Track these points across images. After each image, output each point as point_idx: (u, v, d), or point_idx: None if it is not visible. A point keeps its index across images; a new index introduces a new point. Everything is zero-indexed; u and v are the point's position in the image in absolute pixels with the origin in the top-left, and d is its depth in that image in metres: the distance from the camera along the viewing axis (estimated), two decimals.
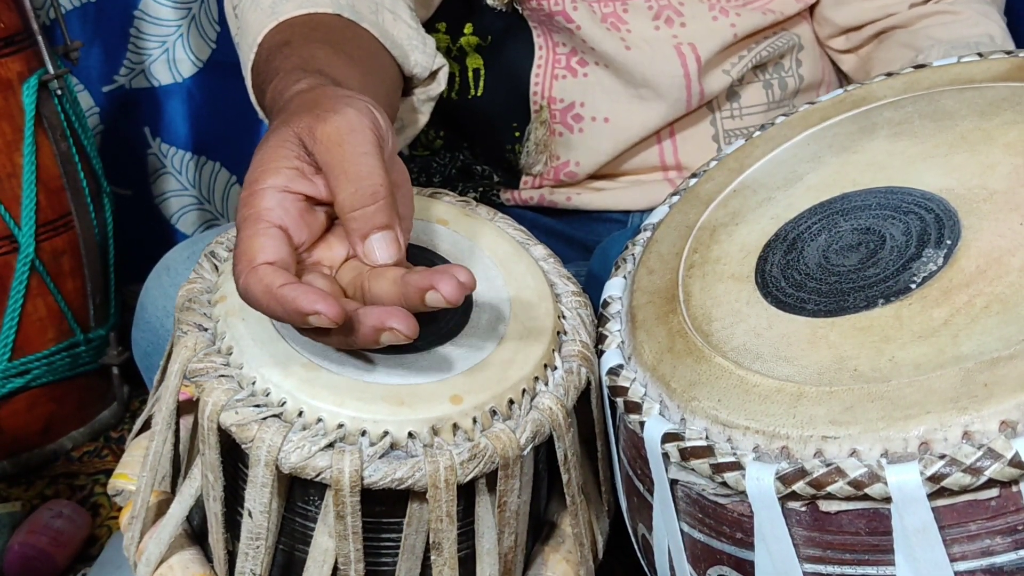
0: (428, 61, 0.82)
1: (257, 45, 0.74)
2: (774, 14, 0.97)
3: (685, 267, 0.66)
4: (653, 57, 0.94)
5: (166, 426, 0.63)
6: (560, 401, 0.61)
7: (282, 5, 0.75)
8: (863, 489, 0.49)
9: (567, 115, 0.97)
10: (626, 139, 0.96)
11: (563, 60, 0.96)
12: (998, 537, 0.49)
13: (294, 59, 0.69)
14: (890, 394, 0.51)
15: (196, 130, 1.72)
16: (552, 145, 0.98)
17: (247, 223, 0.55)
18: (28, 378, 1.47)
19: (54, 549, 1.31)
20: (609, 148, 0.97)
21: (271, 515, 0.58)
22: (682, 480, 0.57)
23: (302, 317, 0.52)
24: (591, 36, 0.93)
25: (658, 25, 0.95)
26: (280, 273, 0.53)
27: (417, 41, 0.81)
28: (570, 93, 0.96)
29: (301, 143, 0.57)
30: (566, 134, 0.98)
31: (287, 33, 0.73)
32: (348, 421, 0.56)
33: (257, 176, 0.57)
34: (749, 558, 0.55)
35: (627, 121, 0.96)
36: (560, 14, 0.93)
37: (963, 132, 0.64)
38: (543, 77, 0.96)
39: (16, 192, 1.43)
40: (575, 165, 0.98)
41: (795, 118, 0.75)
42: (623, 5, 0.95)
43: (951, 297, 0.54)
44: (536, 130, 0.98)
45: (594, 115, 0.96)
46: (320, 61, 0.68)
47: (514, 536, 0.62)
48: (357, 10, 0.77)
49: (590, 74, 0.96)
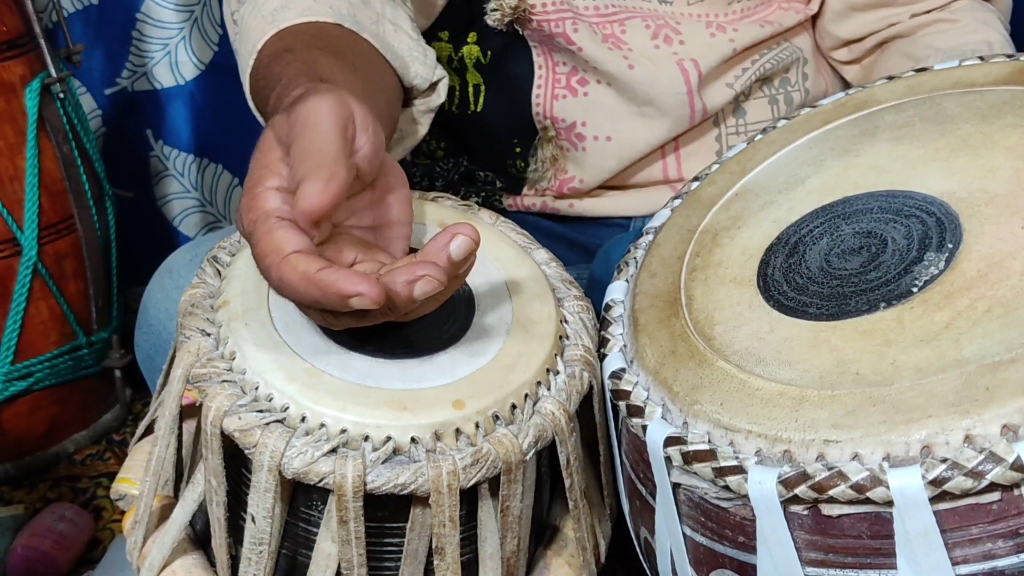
0: (428, 72, 0.82)
1: (257, 52, 0.74)
2: (772, 26, 0.97)
3: (687, 271, 0.66)
4: (657, 74, 0.93)
5: (169, 431, 0.63)
6: (562, 405, 0.61)
7: (283, 13, 0.75)
8: (865, 493, 0.50)
9: (570, 133, 0.96)
10: (630, 156, 0.96)
11: (563, 79, 0.95)
12: (1000, 541, 0.49)
13: (296, 65, 0.69)
14: (892, 398, 0.51)
15: (198, 132, 1.72)
16: (561, 160, 0.98)
17: (258, 224, 0.55)
18: (31, 381, 1.47)
19: (57, 552, 1.31)
20: (613, 165, 0.97)
21: (274, 520, 0.58)
22: (684, 484, 0.57)
23: (343, 300, 0.52)
24: (593, 56, 0.93)
25: (658, 44, 0.94)
26: (314, 259, 0.54)
27: (417, 52, 0.81)
28: (571, 113, 0.96)
29: (280, 143, 0.58)
30: (571, 151, 0.97)
31: (288, 40, 0.73)
32: (351, 426, 0.56)
33: (254, 181, 0.57)
34: (751, 561, 0.55)
35: (630, 139, 0.95)
36: (561, 36, 0.93)
37: (964, 135, 0.64)
38: (544, 96, 0.96)
39: (18, 195, 1.43)
40: (579, 182, 0.98)
41: (796, 122, 0.75)
42: (621, 26, 0.94)
43: (953, 301, 0.55)
44: (543, 148, 0.98)
45: (596, 134, 0.96)
46: (322, 69, 0.68)
47: (517, 540, 0.62)
48: (358, 20, 0.77)
49: (591, 93, 0.95)
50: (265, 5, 0.76)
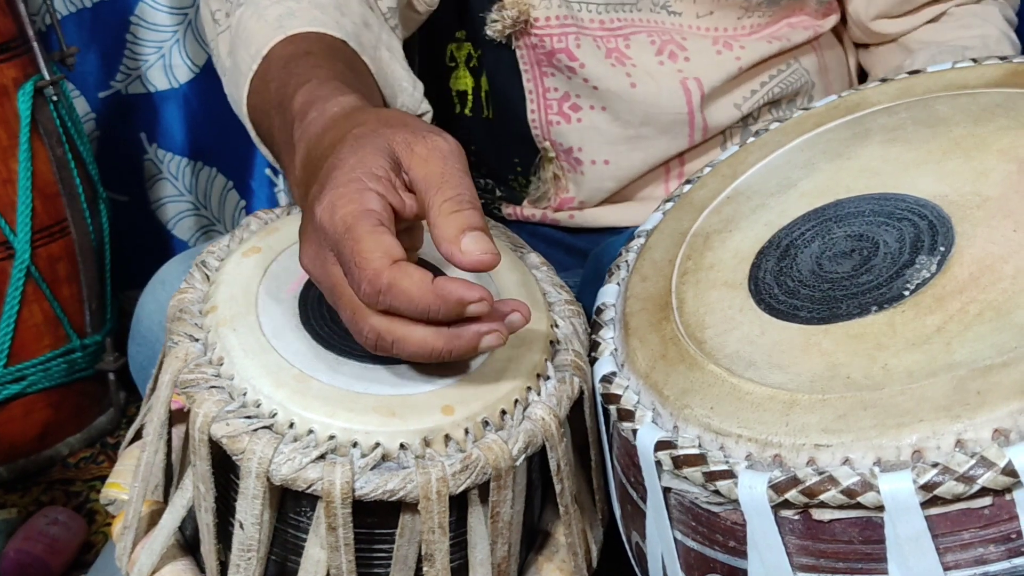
0: (414, 106, 0.81)
1: (262, 57, 0.73)
2: (780, 42, 0.95)
3: (678, 274, 0.66)
4: (659, 92, 0.92)
5: (158, 436, 0.63)
6: (553, 411, 0.61)
7: (290, 20, 0.74)
8: (856, 498, 0.49)
9: (569, 156, 0.95)
10: (628, 177, 0.95)
11: (555, 106, 0.94)
12: (991, 546, 0.49)
13: (326, 70, 0.68)
14: (883, 402, 0.51)
15: (192, 136, 1.72)
16: (562, 178, 0.98)
17: (361, 219, 0.54)
18: (24, 384, 1.47)
19: (49, 556, 1.31)
20: (612, 186, 0.96)
21: (263, 526, 0.58)
22: (675, 488, 0.57)
23: (463, 307, 0.54)
24: (595, 74, 0.91)
25: (662, 60, 0.92)
26: (421, 268, 0.54)
27: (407, 84, 0.81)
28: (566, 138, 0.95)
29: (395, 157, 0.57)
30: (571, 172, 0.97)
31: (303, 45, 0.72)
32: (339, 432, 0.56)
33: (356, 176, 0.56)
34: (742, 566, 0.55)
35: (628, 162, 0.94)
36: (563, 51, 0.91)
37: (957, 138, 0.64)
38: (540, 120, 0.95)
39: (12, 198, 1.43)
40: (578, 204, 0.98)
41: (789, 124, 0.75)
42: (625, 41, 0.92)
43: (944, 304, 0.54)
44: (545, 168, 0.97)
45: (593, 159, 0.95)
46: (351, 83, 0.67)
47: (507, 546, 0.62)
48: (361, 42, 0.76)
49: (584, 119, 0.94)
50: (268, 10, 0.75)
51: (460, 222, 0.55)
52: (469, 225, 0.54)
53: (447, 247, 0.54)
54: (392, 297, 0.53)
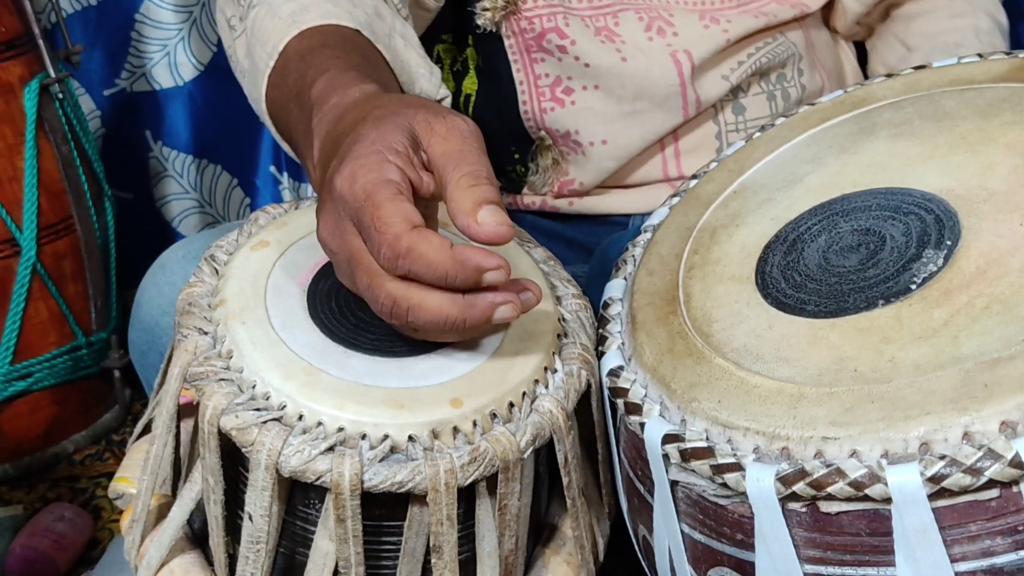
0: (433, 91, 0.82)
1: (278, 53, 0.73)
2: (767, 17, 0.97)
3: (685, 268, 0.66)
4: (650, 66, 0.93)
5: (166, 430, 0.63)
6: (560, 404, 0.61)
7: (303, 15, 0.74)
8: (863, 490, 0.49)
9: (567, 140, 0.96)
10: (627, 155, 0.96)
11: (547, 92, 0.95)
12: (998, 537, 0.49)
13: (343, 60, 0.69)
14: (890, 395, 0.51)
15: (197, 133, 1.72)
16: (562, 163, 0.98)
17: (380, 187, 0.55)
18: (30, 381, 1.47)
19: (56, 552, 1.31)
20: (612, 165, 0.96)
21: (271, 519, 0.58)
22: (683, 481, 0.57)
23: (480, 273, 0.54)
24: (586, 51, 0.92)
25: (651, 36, 0.94)
26: (440, 235, 0.54)
27: (424, 70, 0.81)
28: (562, 123, 0.95)
29: (414, 135, 0.58)
30: (571, 155, 0.97)
31: (318, 38, 0.72)
32: (348, 424, 0.56)
33: (376, 149, 0.56)
34: (750, 559, 0.55)
35: (625, 139, 0.95)
36: (553, 31, 0.92)
37: (963, 133, 0.64)
38: (532, 110, 0.95)
39: (17, 196, 1.43)
40: (579, 184, 0.98)
41: (795, 119, 0.75)
42: (614, 19, 0.94)
43: (951, 298, 0.54)
44: (543, 155, 0.98)
45: (591, 140, 0.95)
46: (369, 72, 0.68)
47: (515, 539, 0.62)
48: (374, 31, 0.77)
49: (578, 101, 0.95)
50: (281, 8, 0.76)
51: (477, 195, 0.55)
52: (486, 198, 0.55)
53: (463, 219, 0.55)
54: (411, 261, 0.53)
